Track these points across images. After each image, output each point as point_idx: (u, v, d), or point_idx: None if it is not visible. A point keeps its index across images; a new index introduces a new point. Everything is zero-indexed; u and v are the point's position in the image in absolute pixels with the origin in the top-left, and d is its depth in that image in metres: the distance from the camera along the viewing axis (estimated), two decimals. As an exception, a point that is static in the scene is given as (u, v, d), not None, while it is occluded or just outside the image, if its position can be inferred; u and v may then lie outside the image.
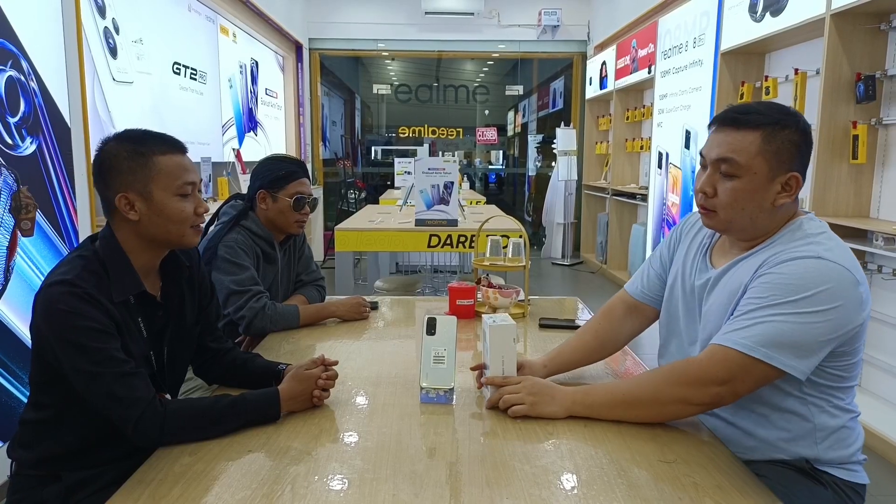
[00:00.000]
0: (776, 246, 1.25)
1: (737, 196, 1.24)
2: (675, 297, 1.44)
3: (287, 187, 2.07)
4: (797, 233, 1.25)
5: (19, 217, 2.45)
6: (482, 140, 9.16)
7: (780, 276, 1.18)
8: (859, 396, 3.26)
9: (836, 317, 1.15)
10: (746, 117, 1.24)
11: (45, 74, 2.65)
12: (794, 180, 1.24)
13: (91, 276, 1.23)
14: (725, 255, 1.35)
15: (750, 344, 1.15)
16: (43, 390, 1.30)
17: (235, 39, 6.06)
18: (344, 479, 1.06)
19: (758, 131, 1.22)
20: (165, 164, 1.30)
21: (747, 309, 1.19)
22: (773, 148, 1.22)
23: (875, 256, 3.17)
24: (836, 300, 1.15)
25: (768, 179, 1.23)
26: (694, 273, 1.40)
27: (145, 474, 1.08)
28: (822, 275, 1.15)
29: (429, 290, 5.31)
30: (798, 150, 1.24)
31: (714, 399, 1.20)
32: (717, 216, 1.29)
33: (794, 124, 1.24)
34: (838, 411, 1.27)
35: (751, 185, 1.23)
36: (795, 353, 1.15)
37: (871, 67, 3.17)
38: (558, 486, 1.04)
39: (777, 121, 1.23)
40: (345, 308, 2.07)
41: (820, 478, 1.26)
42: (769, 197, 1.24)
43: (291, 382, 1.33)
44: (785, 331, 1.14)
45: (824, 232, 1.25)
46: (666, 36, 5.45)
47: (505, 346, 1.33)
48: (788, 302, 1.15)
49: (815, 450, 1.26)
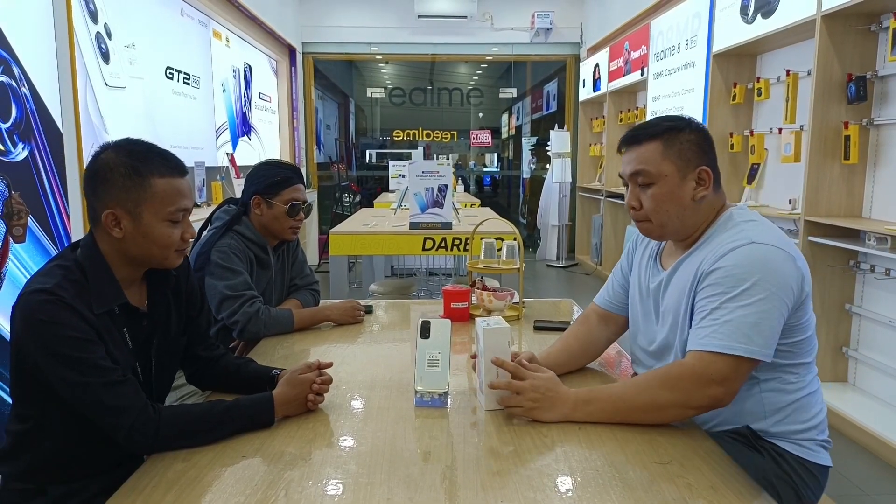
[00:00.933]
0: (712, 240, 1.35)
1: (658, 200, 1.36)
2: (635, 301, 1.54)
3: (282, 193, 2.06)
4: (728, 224, 1.35)
5: (11, 223, 2.44)
6: (476, 143, 9.17)
7: (724, 270, 1.26)
8: (851, 395, 3.31)
9: (784, 295, 1.24)
10: (644, 131, 1.38)
11: (37, 80, 2.64)
12: (705, 173, 1.36)
13: (72, 286, 1.20)
14: (672, 256, 1.45)
15: (727, 343, 1.21)
16: (24, 402, 1.28)
17: (228, 44, 6.05)
18: (339, 483, 1.06)
19: (657, 140, 1.36)
20: (162, 188, 1.26)
21: (709, 308, 1.26)
22: (675, 150, 1.35)
23: (868, 256, 3.18)
24: (776, 279, 1.23)
25: (681, 178, 1.35)
26: (648, 277, 1.50)
27: (138, 481, 1.07)
28: (759, 258, 1.25)
29: (423, 293, 5.31)
30: (699, 147, 1.36)
31: (712, 401, 1.24)
32: (651, 224, 1.40)
33: (687, 126, 1.37)
34: (790, 387, 1.33)
35: (667, 187, 1.35)
36: (762, 338, 1.22)
37: (862, 68, 3.19)
38: (553, 488, 1.04)
39: (670, 127, 1.36)
40: (339, 312, 2.06)
41: (762, 447, 1.32)
42: (687, 193, 1.36)
43: (285, 387, 1.32)
44: (748, 322, 1.21)
45: (753, 220, 1.34)
46: (658, 38, 5.47)
47: (499, 350, 1.33)
48: (741, 292, 1.23)
49: (763, 423, 1.33)
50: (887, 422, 2.94)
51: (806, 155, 3.34)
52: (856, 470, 1.21)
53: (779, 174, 4.01)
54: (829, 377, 3.40)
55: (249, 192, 2.08)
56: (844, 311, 3.38)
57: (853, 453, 2.85)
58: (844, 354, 3.41)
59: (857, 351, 3.36)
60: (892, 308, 3.10)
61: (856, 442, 2.94)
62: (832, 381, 3.39)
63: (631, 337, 1.57)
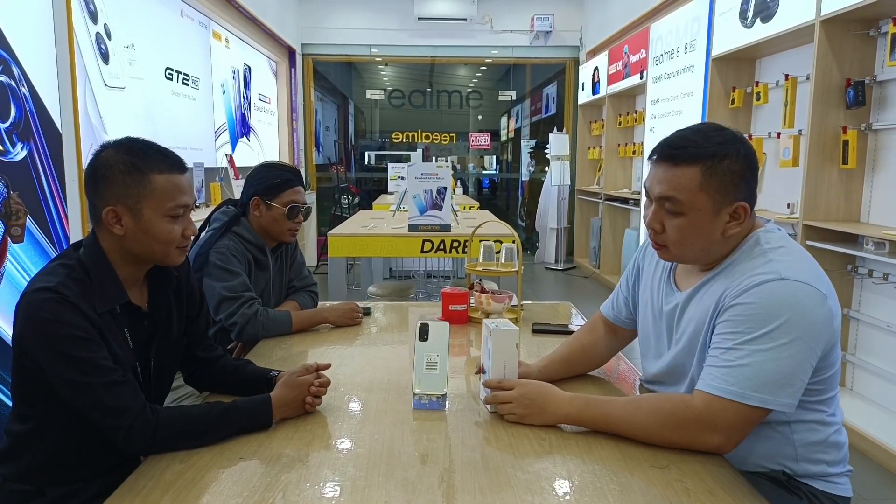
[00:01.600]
0: (736, 267, 1.23)
1: (684, 233, 1.23)
2: (647, 321, 1.46)
3: (282, 195, 2.06)
4: (755, 250, 1.23)
5: (9, 223, 2.44)
6: (475, 145, 9.18)
7: (748, 307, 1.15)
8: (849, 400, 3.31)
9: (811, 339, 1.13)
10: (684, 152, 1.21)
11: (37, 80, 2.64)
12: (742, 210, 1.22)
13: (75, 284, 1.20)
14: (689, 276, 1.34)
15: (740, 391, 1.12)
16: (25, 402, 1.28)
17: (228, 45, 6.05)
18: (336, 486, 1.06)
19: (696, 166, 1.19)
20: (162, 184, 1.26)
21: (725, 346, 1.16)
22: (716, 182, 1.19)
23: (866, 261, 3.19)
24: (806, 322, 1.12)
25: (714, 213, 1.21)
26: (661, 297, 1.39)
27: (136, 482, 1.07)
28: (787, 298, 1.13)
29: (422, 296, 5.31)
30: (742, 179, 1.21)
31: (711, 449, 1.17)
32: (670, 251, 1.28)
33: (733, 153, 1.20)
34: (819, 426, 1.25)
35: (697, 221, 1.21)
36: (784, 389, 1.12)
37: (861, 73, 3.20)
38: (551, 492, 1.04)
39: (714, 153, 1.19)
40: (337, 314, 2.06)
41: (797, 489, 1.25)
42: (717, 229, 1.22)
43: (283, 389, 1.32)
44: (769, 369, 1.11)
45: (782, 246, 1.22)
46: (657, 42, 5.48)
47: (507, 351, 1.33)
48: (763, 335, 1.12)
49: (796, 466, 1.25)
50: (886, 427, 2.94)
51: (804, 159, 3.34)
52: (854, 475, 1.21)
53: (777, 178, 4.02)
54: (826, 381, 3.39)
55: (249, 194, 2.08)
56: (843, 316, 3.38)
57: (851, 459, 2.84)
58: (843, 359, 3.41)
59: (854, 356, 3.36)
60: (890, 313, 3.11)
61: (854, 447, 2.94)
62: (830, 385, 3.38)
63: (642, 355, 1.51)
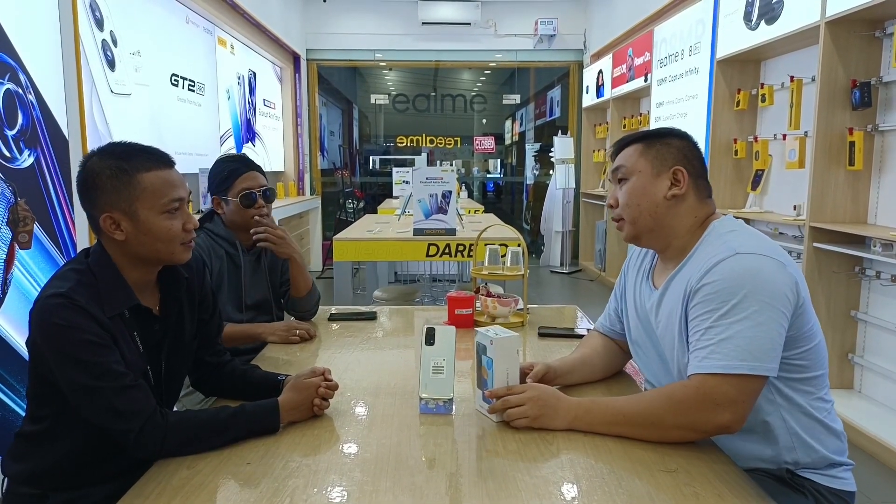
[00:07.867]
0: (697, 255, 1.32)
1: (630, 194, 1.39)
2: (635, 322, 1.50)
3: (233, 187, 2.02)
4: (711, 236, 1.33)
5: (17, 230, 2.45)
6: (480, 149, 9.18)
7: (713, 286, 1.22)
8: (857, 402, 3.29)
9: (778, 304, 1.19)
10: (630, 138, 1.44)
11: (43, 87, 2.65)
12: (680, 173, 1.35)
13: (85, 290, 1.21)
14: (663, 274, 1.42)
15: (727, 363, 1.17)
16: (39, 403, 1.29)
17: (233, 51, 6.08)
18: (343, 490, 1.05)
19: (638, 143, 1.41)
20: (150, 181, 1.26)
21: (703, 328, 1.22)
22: (653, 151, 1.38)
23: (873, 262, 3.17)
24: (769, 289, 1.19)
25: (654, 175, 1.37)
26: (642, 297, 1.47)
27: (143, 487, 1.07)
28: (746, 269, 1.21)
29: (428, 300, 5.31)
30: (679, 151, 1.37)
31: (720, 429, 1.18)
32: (625, 223, 1.41)
33: (670, 134, 1.41)
34: (811, 408, 1.30)
35: (639, 182, 1.38)
36: (767, 354, 1.18)
37: (867, 74, 3.19)
38: (559, 496, 1.04)
39: (654, 134, 1.41)
40: (271, 330, 1.95)
41: (801, 486, 1.28)
42: (660, 190, 1.36)
43: (291, 392, 1.32)
44: (748, 336, 1.17)
45: (734, 230, 1.32)
46: (662, 44, 5.48)
47: (509, 359, 1.32)
48: (733, 307, 1.19)
49: (796, 455, 1.29)
50: (894, 429, 2.92)
51: (810, 161, 3.33)
52: (862, 477, 1.20)
53: (783, 180, 4.00)
54: (835, 384, 3.38)
55: (209, 196, 2.08)
56: (850, 317, 3.36)
57: (859, 460, 2.82)
58: (850, 361, 3.39)
59: (863, 357, 3.34)
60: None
61: (863, 449, 2.92)
62: (838, 388, 3.37)
63: (635, 358, 1.54)
